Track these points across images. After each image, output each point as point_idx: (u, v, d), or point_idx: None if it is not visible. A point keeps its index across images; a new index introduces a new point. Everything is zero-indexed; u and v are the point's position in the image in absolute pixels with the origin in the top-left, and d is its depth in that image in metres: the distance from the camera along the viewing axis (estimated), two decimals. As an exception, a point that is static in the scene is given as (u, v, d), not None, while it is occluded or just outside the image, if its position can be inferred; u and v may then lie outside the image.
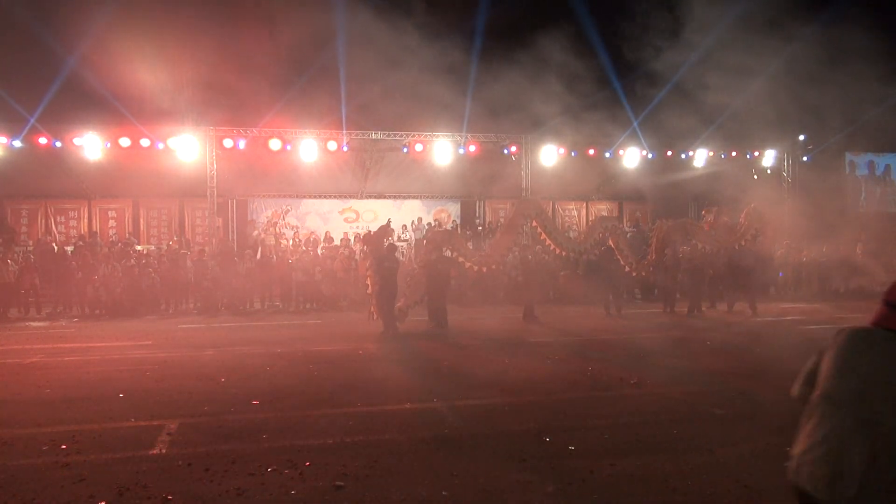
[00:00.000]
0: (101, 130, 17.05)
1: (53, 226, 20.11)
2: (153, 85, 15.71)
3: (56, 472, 4.69)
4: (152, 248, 18.96)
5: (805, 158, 21.70)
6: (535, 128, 19.13)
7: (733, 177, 20.66)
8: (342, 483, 4.43)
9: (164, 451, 5.13)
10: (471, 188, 22.02)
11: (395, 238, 17.81)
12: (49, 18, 15.85)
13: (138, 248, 18.53)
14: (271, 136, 17.96)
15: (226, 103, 17.05)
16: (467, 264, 13.01)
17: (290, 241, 19.52)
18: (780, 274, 18.43)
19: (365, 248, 14.03)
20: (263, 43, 16.09)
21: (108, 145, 17.13)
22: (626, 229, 19.31)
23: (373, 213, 22.20)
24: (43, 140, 16.82)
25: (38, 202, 20.00)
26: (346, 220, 22.04)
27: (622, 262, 13.78)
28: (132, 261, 16.11)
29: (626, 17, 15.02)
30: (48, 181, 18.91)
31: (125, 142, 17.15)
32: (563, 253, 13.82)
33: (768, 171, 21.73)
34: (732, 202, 15.77)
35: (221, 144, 18.02)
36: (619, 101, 17.49)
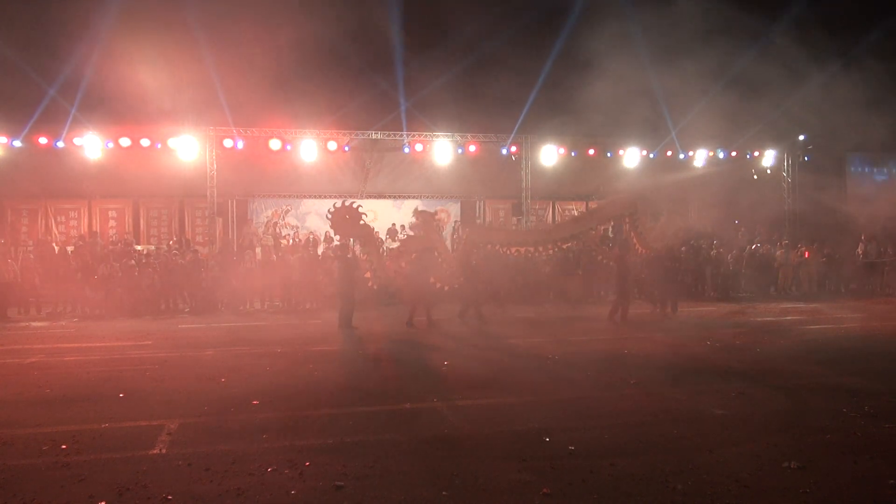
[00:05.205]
0: (101, 130, 17.04)
1: (53, 226, 20.09)
2: (153, 85, 15.72)
3: (56, 472, 4.69)
4: (152, 248, 18.95)
5: (805, 158, 21.69)
6: (536, 128, 19.13)
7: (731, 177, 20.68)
8: (342, 483, 4.43)
9: (164, 451, 5.13)
10: (471, 188, 21.99)
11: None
12: (50, 18, 15.86)
13: (138, 248, 18.51)
14: (271, 136, 17.95)
15: (226, 103, 17.07)
16: (503, 250, 12.54)
17: (290, 241, 19.51)
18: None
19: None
20: (263, 42, 16.10)
21: (109, 145, 17.13)
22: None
23: (373, 213, 22.13)
24: (43, 140, 16.81)
25: (38, 202, 19.96)
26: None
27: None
28: (132, 261, 16.11)
29: (623, 16, 15.03)
30: (48, 181, 18.88)
31: (125, 142, 17.14)
32: (646, 252, 13.43)
33: (768, 172, 21.73)
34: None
35: (221, 144, 18.00)
36: (620, 100, 17.49)
